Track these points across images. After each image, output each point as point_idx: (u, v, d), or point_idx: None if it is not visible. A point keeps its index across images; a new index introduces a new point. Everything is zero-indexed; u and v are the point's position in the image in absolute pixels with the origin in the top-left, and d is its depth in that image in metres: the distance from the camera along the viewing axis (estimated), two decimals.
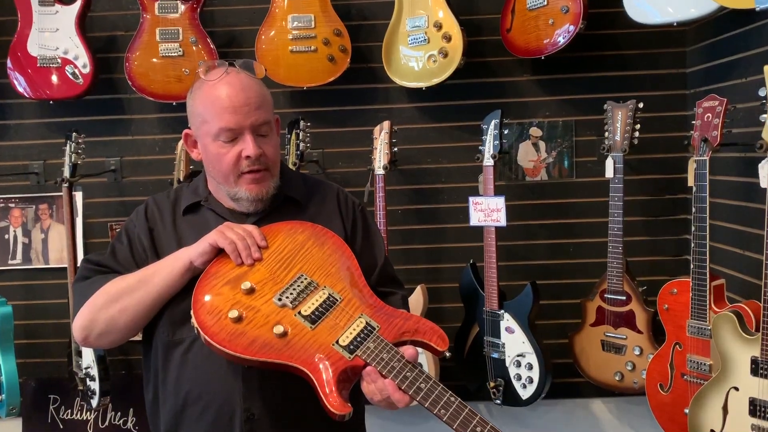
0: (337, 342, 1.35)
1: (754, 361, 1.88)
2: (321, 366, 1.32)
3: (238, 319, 1.36)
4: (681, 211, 2.95)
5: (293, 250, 1.49)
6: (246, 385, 1.47)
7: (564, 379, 2.90)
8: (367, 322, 1.38)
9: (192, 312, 1.38)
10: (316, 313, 1.40)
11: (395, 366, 1.31)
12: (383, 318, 1.40)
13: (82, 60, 2.82)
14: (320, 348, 1.35)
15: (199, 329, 1.36)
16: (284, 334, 1.35)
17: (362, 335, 1.36)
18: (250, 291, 1.41)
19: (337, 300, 1.42)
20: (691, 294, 2.24)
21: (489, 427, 1.26)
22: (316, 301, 1.41)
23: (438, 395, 1.29)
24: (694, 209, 2.22)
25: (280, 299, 1.41)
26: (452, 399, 1.29)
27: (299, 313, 1.39)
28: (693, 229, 2.22)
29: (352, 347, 1.35)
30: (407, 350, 1.34)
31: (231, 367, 1.47)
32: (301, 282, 1.44)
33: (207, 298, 1.40)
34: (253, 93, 1.49)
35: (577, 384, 2.92)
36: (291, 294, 1.42)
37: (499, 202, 2.60)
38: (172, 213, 1.61)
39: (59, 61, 2.82)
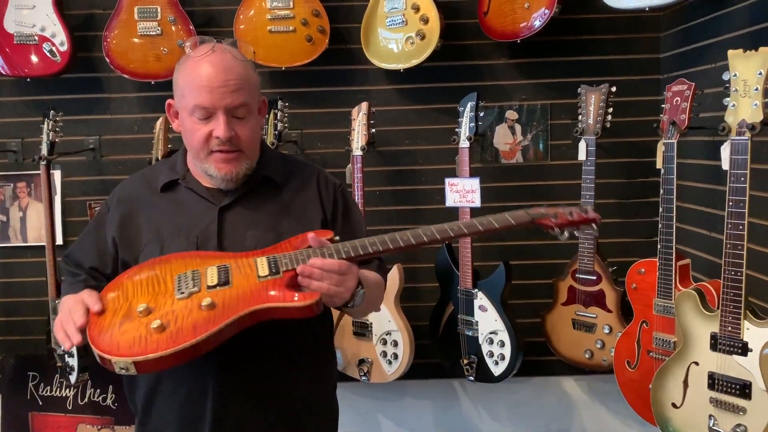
0: (259, 277, 1.41)
1: (713, 337, 1.95)
2: (266, 295, 1.38)
3: (163, 327, 1.33)
4: (652, 194, 2.99)
5: (150, 274, 1.47)
6: (219, 360, 1.49)
7: (536, 357, 2.96)
8: (266, 258, 1.45)
9: (114, 361, 1.29)
10: (222, 277, 1.42)
11: (318, 253, 1.42)
12: (272, 251, 1.48)
13: (59, 38, 2.81)
14: (252, 289, 1.39)
15: (135, 362, 1.28)
16: (213, 305, 1.36)
17: (272, 262, 1.43)
18: (148, 310, 1.37)
19: (228, 266, 1.45)
20: (657, 273, 2.30)
21: (431, 230, 1.45)
22: (213, 274, 1.43)
23: (371, 242, 1.44)
24: (662, 191, 2.28)
25: (182, 293, 1.39)
26: (382, 238, 1.44)
27: (208, 287, 1.40)
28: (660, 210, 2.28)
29: (274, 270, 1.42)
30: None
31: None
32: (185, 277, 1.43)
33: (118, 341, 1.33)
34: (233, 75, 1.48)
35: (549, 362, 3.00)
36: (187, 286, 1.41)
37: (474, 183, 2.64)
38: (148, 191, 1.62)
39: (36, 38, 2.81)
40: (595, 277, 2.64)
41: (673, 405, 2.07)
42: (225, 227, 1.55)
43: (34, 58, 2.83)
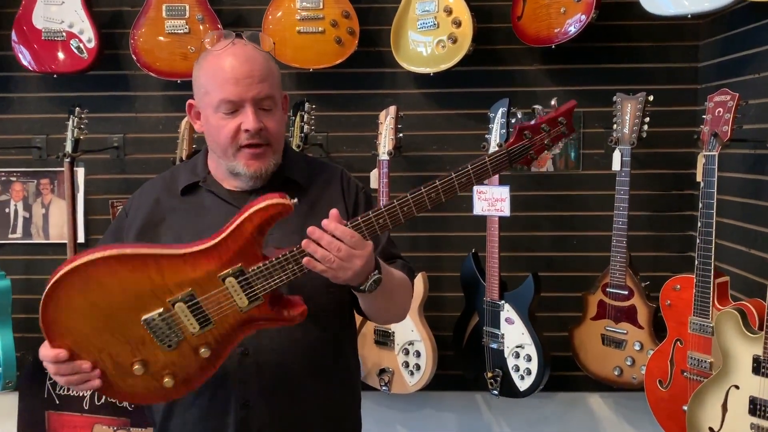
0: (241, 309, 1.34)
1: (756, 360, 1.86)
2: (253, 322, 1.35)
3: (175, 378, 1.36)
4: (687, 207, 2.92)
5: (98, 311, 1.32)
6: (242, 372, 1.45)
7: (562, 372, 2.88)
8: (236, 281, 1.31)
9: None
10: (200, 319, 1.33)
11: (292, 258, 1.32)
12: (228, 261, 1.32)
13: (87, 34, 2.79)
14: (238, 322, 1.35)
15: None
16: (209, 347, 1.35)
17: (246, 287, 1.32)
18: (144, 363, 1.34)
19: (193, 293, 1.32)
20: (694, 291, 2.21)
21: (435, 185, 1.37)
22: (188, 318, 1.32)
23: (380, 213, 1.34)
24: (701, 205, 2.19)
25: (170, 346, 1.34)
26: (381, 210, 1.34)
27: (193, 334, 1.34)
28: (699, 224, 2.19)
29: (252, 298, 1.33)
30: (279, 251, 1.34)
31: (227, 359, 1.43)
32: (159, 327, 1.33)
33: (137, 392, 1.38)
34: (257, 65, 1.44)
35: (574, 377, 2.91)
36: (169, 338, 1.33)
37: (504, 191, 2.57)
38: (168, 195, 1.57)
39: (64, 34, 2.80)
40: (626, 292, 2.56)
41: (711, 430, 1.98)
42: None
43: (61, 55, 2.81)
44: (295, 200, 1.32)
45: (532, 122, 1.37)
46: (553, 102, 1.36)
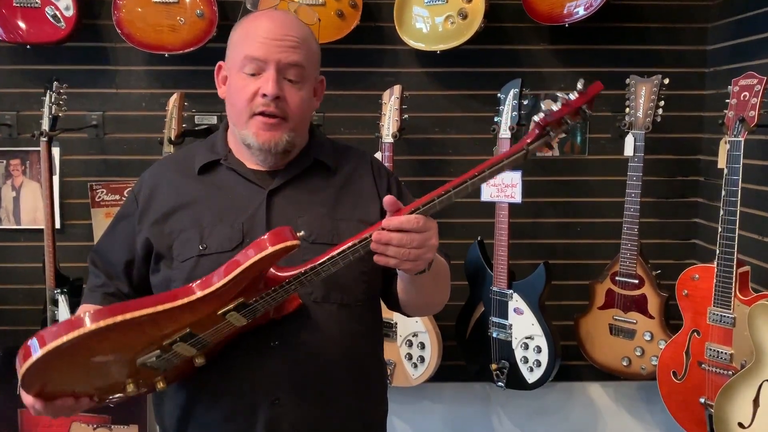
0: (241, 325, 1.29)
1: None
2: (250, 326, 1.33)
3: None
4: (691, 193, 2.87)
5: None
6: (272, 366, 1.34)
7: (563, 361, 2.80)
8: (231, 309, 1.23)
9: None
10: (199, 345, 1.28)
11: (297, 282, 1.23)
12: (229, 300, 1.23)
13: (64, 2, 2.55)
14: (234, 333, 1.31)
15: None
16: (204, 359, 1.33)
17: (246, 312, 1.25)
18: (135, 383, 1.29)
19: (191, 333, 1.24)
20: (715, 281, 2.15)
21: (476, 175, 1.23)
22: (183, 348, 1.26)
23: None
24: (723, 192, 2.12)
25: (165, 369, 1.30)
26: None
27: (190, 355, 1.29)
28: (721, 212, 2.12)
29: (254, 316, 1.27)
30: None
31: (254, 351, 1.34)
32: (149, 360, 1.25)
33: None
34: (293, 32, 1.35)
35: (575, 366, 2.85)
36: (161, 366, 1.28)
37: (515, 177, 2.47)
38: (182, 175, 1.44)
39: (39, 1, 2.56)
40: (637, 281, 2.49)
41: (740, 425, 1.93)
42: (274, 213, 1.38)
43: (35, 24, 2.57)
44: (302, 233, 1.21)
45: (554, 112, 1.21)
46: (579, 85, 1.22)
